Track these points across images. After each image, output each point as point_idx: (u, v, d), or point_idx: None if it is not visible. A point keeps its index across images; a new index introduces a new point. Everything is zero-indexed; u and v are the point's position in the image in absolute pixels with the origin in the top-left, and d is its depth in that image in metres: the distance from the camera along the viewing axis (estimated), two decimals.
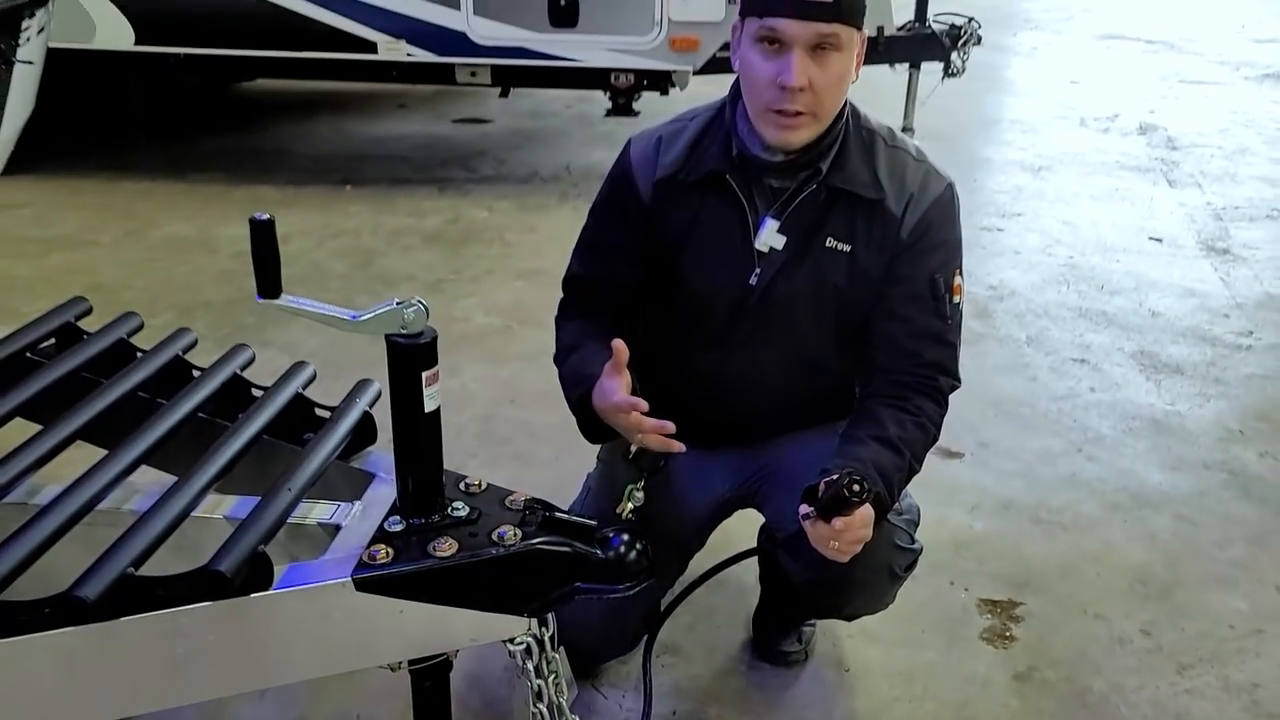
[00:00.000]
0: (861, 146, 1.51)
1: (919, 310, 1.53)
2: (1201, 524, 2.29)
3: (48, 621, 1.14)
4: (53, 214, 4.23)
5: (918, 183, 1.51)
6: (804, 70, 1.38)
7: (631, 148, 1.60)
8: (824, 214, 1.51)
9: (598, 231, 1.66)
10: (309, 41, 4.25)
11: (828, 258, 1.52)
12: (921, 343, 1.53)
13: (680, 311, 1.62)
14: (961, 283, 1.56)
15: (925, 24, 5.16)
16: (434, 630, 1.31)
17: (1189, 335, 3.25)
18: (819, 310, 1.56)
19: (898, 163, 1.52)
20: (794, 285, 1.54)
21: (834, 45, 1.39)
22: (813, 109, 1.42)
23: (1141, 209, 4.55)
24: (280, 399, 1.55)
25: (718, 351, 1.61)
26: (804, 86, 1.39)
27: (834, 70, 1.40)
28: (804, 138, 1.46)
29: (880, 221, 1.50)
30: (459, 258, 3.83)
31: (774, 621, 1.89)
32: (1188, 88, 7.39)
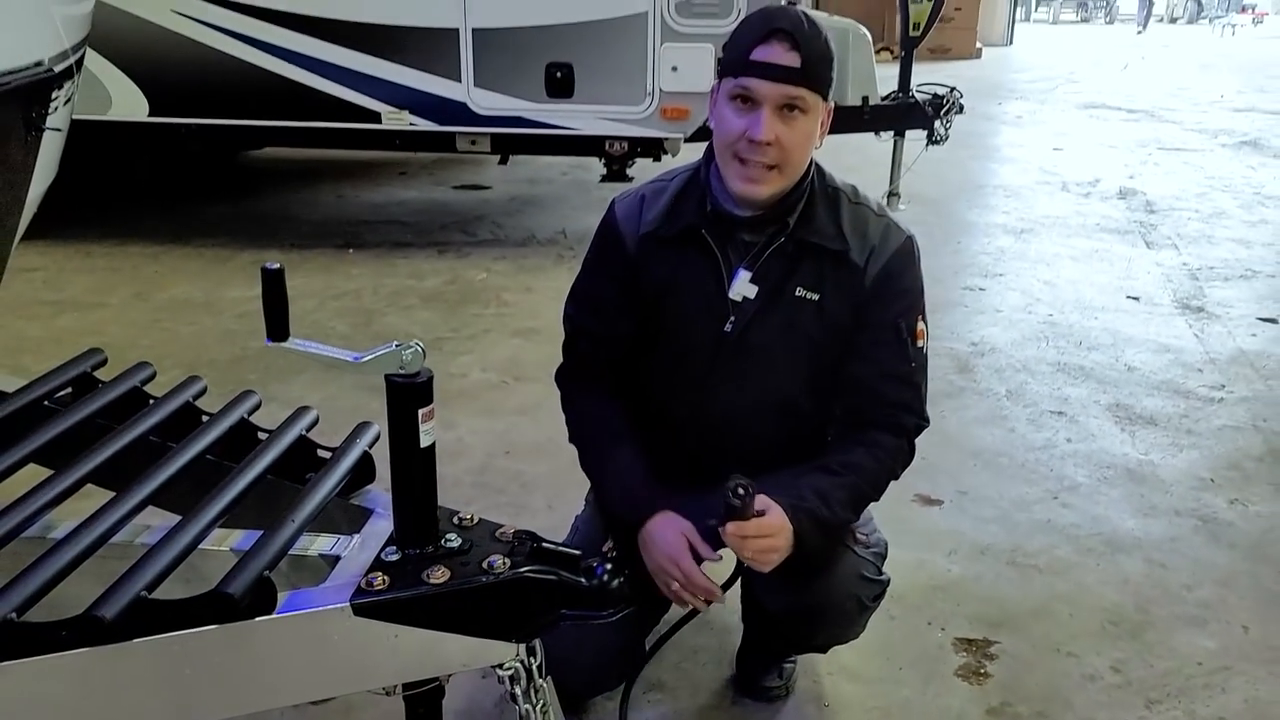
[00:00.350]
0: (827, 203, 1.63)
1: (885, 353, 1.63)
2: (1172, 567, 2.37)
3: (66, 642, 1.22)
4: (63, 277, 4.37)
5: (879, 236, 1.62)
6: (772, 127, 1.51)
7: (616, 207, 1.72)
8: (793, 265, 1.62)
9: (590, 288, 1.76)
10: (316, 112, 4.43)
11: (798, 306, 1.63)
12: (886, 383, 1.64)
13: (662, 358, 1.72)
14: (925, 328, 1.66)
15: (909, 94, 5.36)
16: (427, 655, 1.38)
17: (1163, 389, 3.36)
18: (792, 355, 1.66)
19: (860, 218, 1.64)
20: (767, 332, 1.64)
21: (800, 107, 1.52)
22: (779, 162, 1.54)
23: (1120, 269, 4.69)
24: (285, 441, 1.65)
25: (697, 396, 1.71)
26: (771, 141, 1.51)
27: (800, 130, 1.53)
28: (768, 191, 1.57)
29: (845, 271, 1.61)
30: (457, 317, 3.94)
31: (756, 658, 1.96)
32: (1167, 154, 7.61)
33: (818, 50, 1.51)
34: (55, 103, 1.85)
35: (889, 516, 2.50)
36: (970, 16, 14.68)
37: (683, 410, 1.73)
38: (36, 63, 1.71)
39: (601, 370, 1.75)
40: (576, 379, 1.77)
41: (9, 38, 1.63)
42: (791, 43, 1.49)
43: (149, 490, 1.49)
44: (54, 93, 1.83)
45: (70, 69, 1.92)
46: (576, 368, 1.78)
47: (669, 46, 4.24)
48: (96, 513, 1.42)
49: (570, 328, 1.78)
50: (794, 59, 1.49)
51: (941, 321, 3.94)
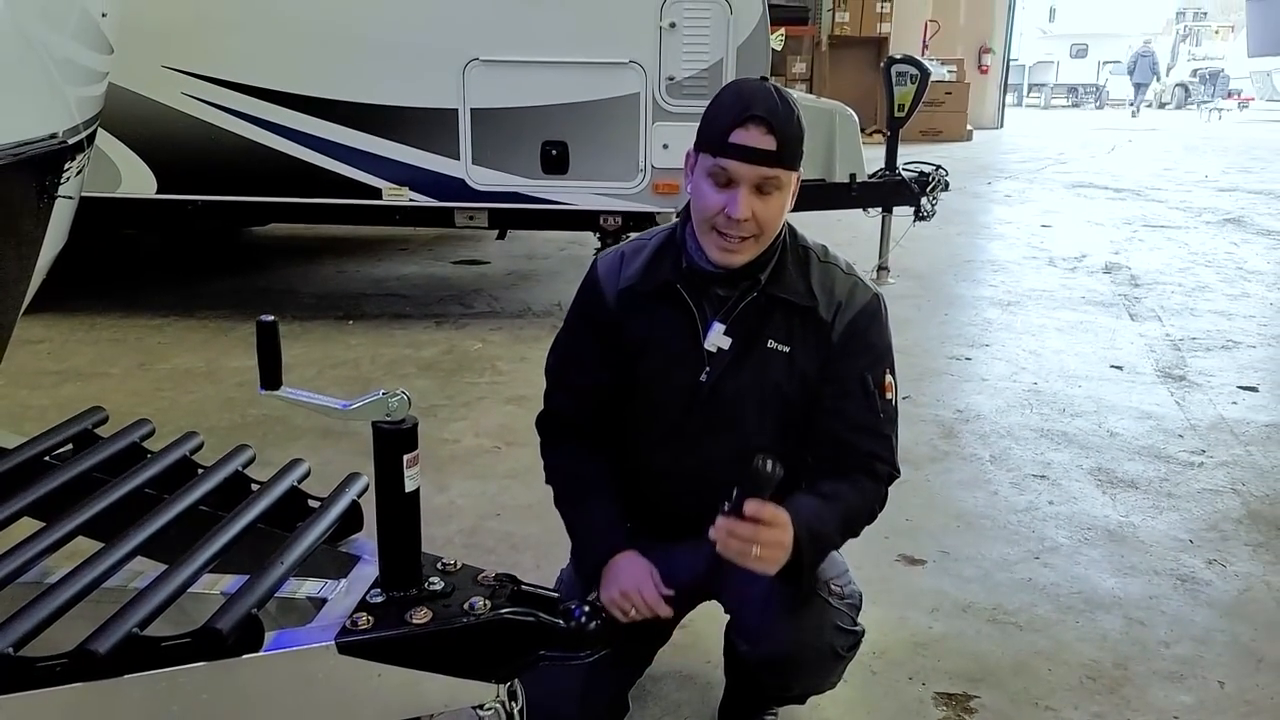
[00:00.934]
0: (797, 261, 1.72)
1: (853, 406, 1.70)
2: (1151, 624, 2.40)
3: (60, 676, 1.27)
4: (67, 348, 4.46)
5: (845, 293, 1.71)
6: (748, 205, 1.60)
7: (598, 264, 1.82)
8: (765, 318, 1.70)
9: (572, 342, 1.85)
10: (320, 188, 4.58)
11: (769, 357, 1.71)
12: (858, 435, 1.71)
13: (640, 409, 1.79)
14: (893, 381, 1.73)
15: (895, 171, 5.52)
16: (409, 694, 1.42)
17: (1144, 453, 3.41)
18: (763, 406, 1.73)
19: (828, 276, 1.72)
20: (740, 381, 1.72)
21: (775, 185, 1.61)
22: (754, 234, 1.63)
23: (1104, 340, 4.78)
24: (277, 490, 1.71)
25: (672, 448, 1.78)
26: (747, 218, 1.60)
27: (775, 204, 1.62)
28: (745, 259, 1.66)
29: (813, 326, 1.70)
30: (452, 385, 4.02)
31: (738, 710, 1.98)
32: (1152, 231, 7.78)
33: (791, 132, 1.59)
34: (68, 173, 1.96)
35: (872, 576, 2.57)
36: (961, 100, 15.09)
37: (662, 460, 1.80)
38: (51, 135, 1.82)
39: (579, 420, 1.83)
40: (554, 428, 1.86)
41: (26, 111, 1.74)
42: (767, 127, 1.56)
43: (144, 537, 1.55)
44: (67, 164, 1.94)
45: (82, 142, 2.03)
46: (555, 417, 1.86)
47: (660, 125, 4.40)
48: (91, 557, 1.48)
49: (551, 380, 1.86)
50: (770, 143, 1.57)
51: (927, 389, 4.01)
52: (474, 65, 4.39)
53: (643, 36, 4.31)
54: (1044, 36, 32.27)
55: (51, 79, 1.85)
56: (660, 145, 4.40)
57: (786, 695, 1.86)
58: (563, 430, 1.85)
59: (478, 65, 4.39)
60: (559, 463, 1.85)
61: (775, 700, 1.95)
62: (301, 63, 4.45)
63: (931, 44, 15.38)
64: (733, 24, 4.28)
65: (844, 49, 14.45)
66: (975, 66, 16.71)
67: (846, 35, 14.48)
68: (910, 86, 5.47)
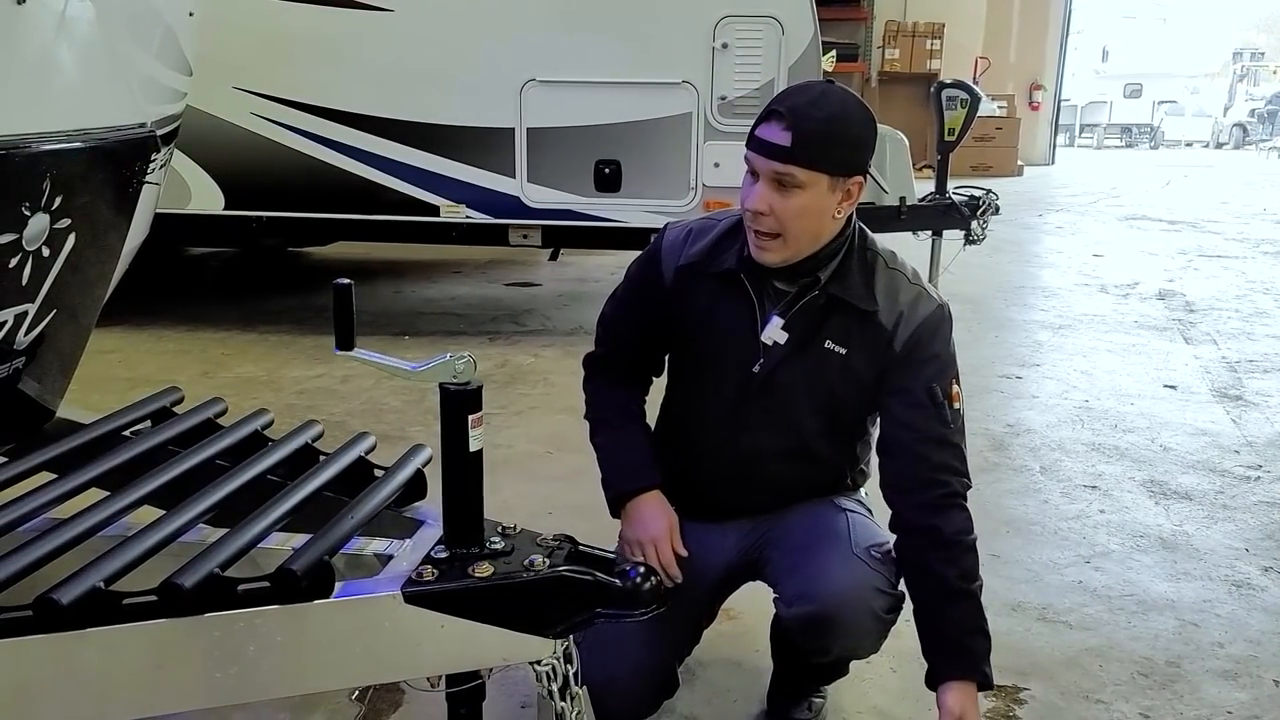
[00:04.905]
0: (862, 263, 1.74)
1: (922, 418, 1.71)
2: (1205, 626, 2.38)
3: (146, 612, 1.34)
4: (137, 358, 4.62)
5: (909, 302, 1.72)
6: (764, 198, 1.62)
7: (666, 233, 1.87)
8: (823, 318, 1.72)
9: (626, 300, 1.92)
10: (379, 206, 4.72)
11: (825, 357, 1.73)
12: (928, 447, 1.71)
13: (692, 390, 1.85)
14: (959, 391, 1.74)
15: (945, 195, 5.55)
16: (470, 646, 1.48)
17: (1199, 467, 3.38)
18: (813, 402, 1.76)
19: (894, 282, 1.73)
20: (793, 377, 1.75)
21: (793, 183, 1.60)
22: (776, 231, 1.64)
23: (1157, 361, 4.74)
24: (345, 460, 1.78)
25: (722, 433, 1.82)
26: (763, 211, 1.62)
27: (794, 203, 1.61)
28: (774, 258, 1.68)
29: (873, 332, 1.71)
30: (505, 395, 4.10)
31: (787, 693, 2.01)
32: (1207, 260, 7.69)
33: (813, 129, 1.59)
34: (153, 164, 2.07)
35: None
36: (1011, 136, 15.04)
37: (711, 443, 1.84)
38: (141, 124, 1.93)
39: (624, 363, 1.93)
40: (598, 366, 1.95)
41: (121, 100, 1.86)
42: (785, 123, 1.59)
43: (219, 497, 1.63)
44: (153, 155, 2.06)
45: (169, 134, 2.15)
46: (601, 358, 1.96)
47: (711, 144, 4.48)
48: (170, 512, 1.56)
49: (600, 329, 1.97)
50: (785, 138, 1.58)
51: (978, 405, 4.01)
52: (531, 85, 4.52)
53: (696, 57, 4.42)
54: (1097, 76, 32.08)
55: (141, 75, 1.97)
56: (711, 164, 4.49)
57: (826, 660, 1.85)
58: (606, 369, 1.94)
59: (534, 86, 4.52)
60: (598, 393, 1.93)
61: (817, 673, 1.95)
62: (365, 84, 4.61)
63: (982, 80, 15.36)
64: (784, 44, 4.36)
65: (894, 85, 14.50)
66: (1026, 103, 16.67)
67: (896, 71, 14.55)
68: (960, 111, 5.51)
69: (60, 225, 1.64)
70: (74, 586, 1.31)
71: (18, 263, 1.59)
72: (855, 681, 2.13)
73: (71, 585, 1.31)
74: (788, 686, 2.01)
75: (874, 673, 2.16)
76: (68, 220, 1.66)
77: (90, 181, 1.74)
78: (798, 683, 1.99)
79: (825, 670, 1.93)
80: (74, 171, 1.65)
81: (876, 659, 2.19)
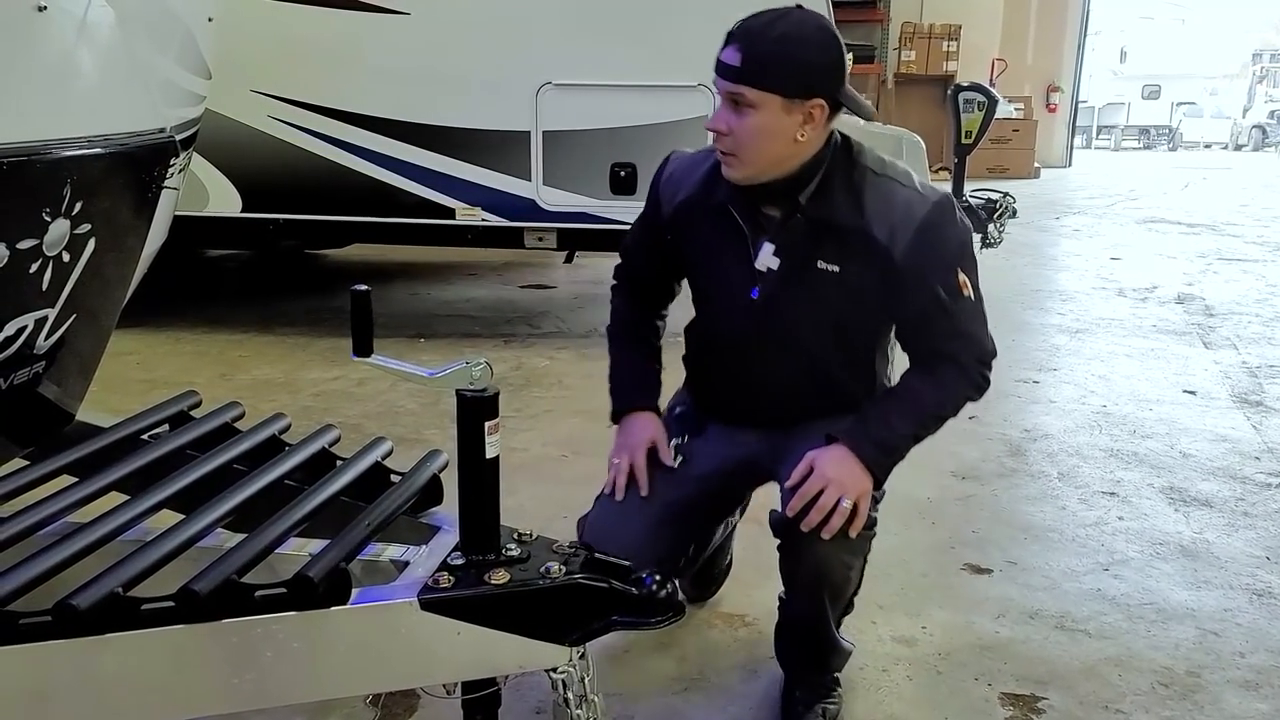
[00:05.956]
0: (847, 180, 1.74)
1: (934, 318, 1.75)
2: (1225, 635, 2.36)
3: (164, 617, 1.35)
4: (155, 360, 4.64)
5: (903, 208, 1.72)
6: (721, 118, 1.69)
7: (669, 163, 1.95)
8: (813, 239, 1.75)
9: (637, 225, 2.04)
10: (395, 208, 4.73)
11: (820, 278, 1.76)
12: (938, 341, 1.78)
13: (701, 318, 1.95)
14: (967, 279, 1.74)
15: (961, 198, 5.53)
16: (486, 654, 1.48)
17: (1219, 474, 3.35)
18: (817, 324, 1.80)
19: (883, 191, 1.73)
20: (792, 301, 1.79)
21: (745, 103, 1.65)
22: (734, 151, 1.70)
23: (1176, 366, 4.70)
24: (361, 465, 1.79)
25: (737, 358, 1.90)
26: (721, 130, 1.69)
27: (748, 123, 1.66)
28: (736, 176, 1.73)
29: (867, 246, 1.72)
30: (520, 399, 4.10)
31: (800, 699, 2.00)
32: (1227, 264, 7.63)
33: (763, 50, 1.63)
34: (173, 168, 2.09)
35: (937, 582, 2.58)
36: (1028, 138, 14.97)
37: (724, 367, 1.94)
38: (160, 129, 1.94)
39: (640, 285, 2.07)
40: (622, 283, 2.10)
41: (140, 105, 1.87)
42: (738, 45, 1.65)
43: (236, 502, 1.63)
44: (173, 159, 2.07)
45: (188, 140, 2.16)
46: (623, 278, 2.10)
47: None
48: (188, 516, 1.56)
49: (622, 249, 2.11)
50: (736, 59, 1.64)
51: (994, 410, 3.99)
52: (547, 89, 4.52)
53: (711, 60, 4.39)
54: (1115, 78, 31.88)
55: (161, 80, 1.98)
56: None
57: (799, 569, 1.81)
58: (627, 288, 2.09)
59: (550, 89, 4.52)
60: (615, 311, 2.10)
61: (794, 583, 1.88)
62: (381, 87, 4.62)
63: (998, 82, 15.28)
64: None
65: (910, 86, 14.44)
66: (1043, 105, 16.58)
67: (912, 73, 14.49)
68: (978, 114, 5.49)
69: (80, 230, 1.65)
70: (92, 592, 1.31)
71: (38, 268, 1.60)
72: (870, 690, 2.12)
73: (90, 590, 1.31)
74: (799, 691, 2.00)
75: (889, 681, 2.15)
76: (88, 226, 1.67)
77: (110, 187, 1.75)
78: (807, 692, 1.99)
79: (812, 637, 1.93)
80: (94, 177, 1.66)
81: (893, 667, 2.19)
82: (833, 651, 1.99)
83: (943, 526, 2.92)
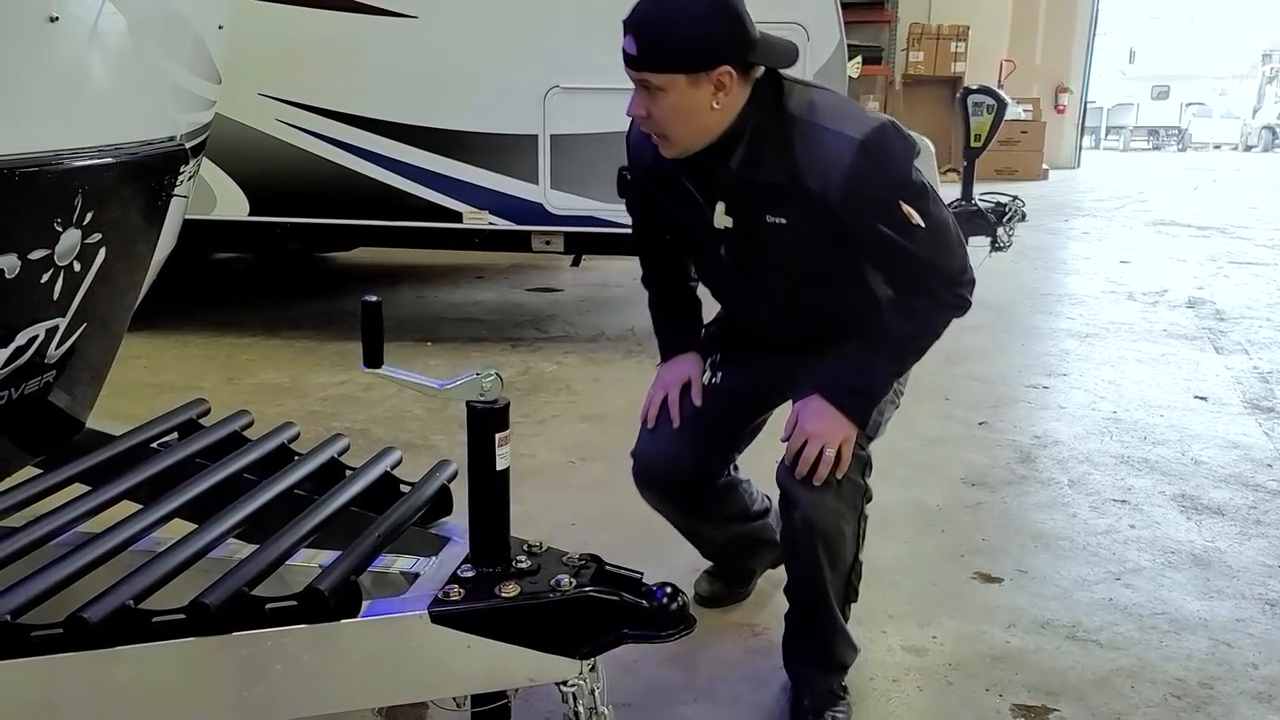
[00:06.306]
0: (776, 134, 1.74)
1: (892, 254, 1.77)
2: (1238, 646, 2.34)
3: (175, 630, 1.34)
4: (162, 364, 4.65)
5: (833, 151, 1.71)
6: (638, 103, 1.74)
7: (630, 129, 1.97)
8: (756, 196, 1.79)
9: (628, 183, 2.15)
10: (403, 212, 4.72)
11: (772, 231, 1.81)
12: (904, 274, 1.81)
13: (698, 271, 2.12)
14: (913, 209, 1.72)
15: (971, 201, 5.52)
16: (497, 666, 1.47)
17: (1231, 481, 3.33)
18: (785, 272, 1.88)
19: (812, 139, 1.73)
20: (754, 254, 1.87)
21: (654, 86, 1.70)
22: (659, 131, 1.76)
23: (1187, 371, 4.68)
24: (370, 475, 1.78)
25: (729, 304, 2.10)
26: (641, 115, 1.75)
27: (663, 104, 1.71)
28: (671, 153, 1.79)
29: (803, 198, 1.74)
30: (528, 404, 4.09)
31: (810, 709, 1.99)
32: (1237, 268, 7.60)
33: (652, 34, 1.67)
34: (182, 176, 2.08)
35: (946, 591, 2.57)
36: (1036, 139, 14.92)
37: (729, 313, 2.13)
38: (170, 138, 1.94)
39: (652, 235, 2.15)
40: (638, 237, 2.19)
41: (150, 114, 1.86)
42: (632, 34, 1.69)
43: (246, 513, 1.63)
44: (182, 167, 2.06)
45: (197, 147, 2.15)
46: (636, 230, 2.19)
47: None
48: (198, 528, 1.56)
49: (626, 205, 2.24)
50: (633, 48, 1.69)
51: (1004, 416, 3.98)
52: (554, 92, 4.52)
53: None
54: (1124, 78, 31.77)
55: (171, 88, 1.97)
56: None
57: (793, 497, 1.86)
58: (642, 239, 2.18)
59: (558, 92, 4.52)
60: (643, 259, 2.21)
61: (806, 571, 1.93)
62: (389, 90, 4.62)
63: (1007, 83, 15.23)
64: (809, 50, 4.33)
65: (918, 88, 14.41)
66: (1052, 106, 16.53)
67: (920, 75, 14.46)
68: (987, 117, 5.48)
69: (91, 240, 1.65)
70: (103, 605, 1.31)
71: (49, 278, 1.60)
72: (881, 701, 2.11)
73: (101, 603, 1.31)
74: (808, 700, 2.00)
75: (900, 692, 2.14)
76: (98, 235, 1.67)
77: (121, 196, 1.75)
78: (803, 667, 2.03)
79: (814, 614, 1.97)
80: (105, 187, 1.66)
81: (904, 678, 2.18)
82: (835, 633, 1.98)
83: (952, 534, 2.91)
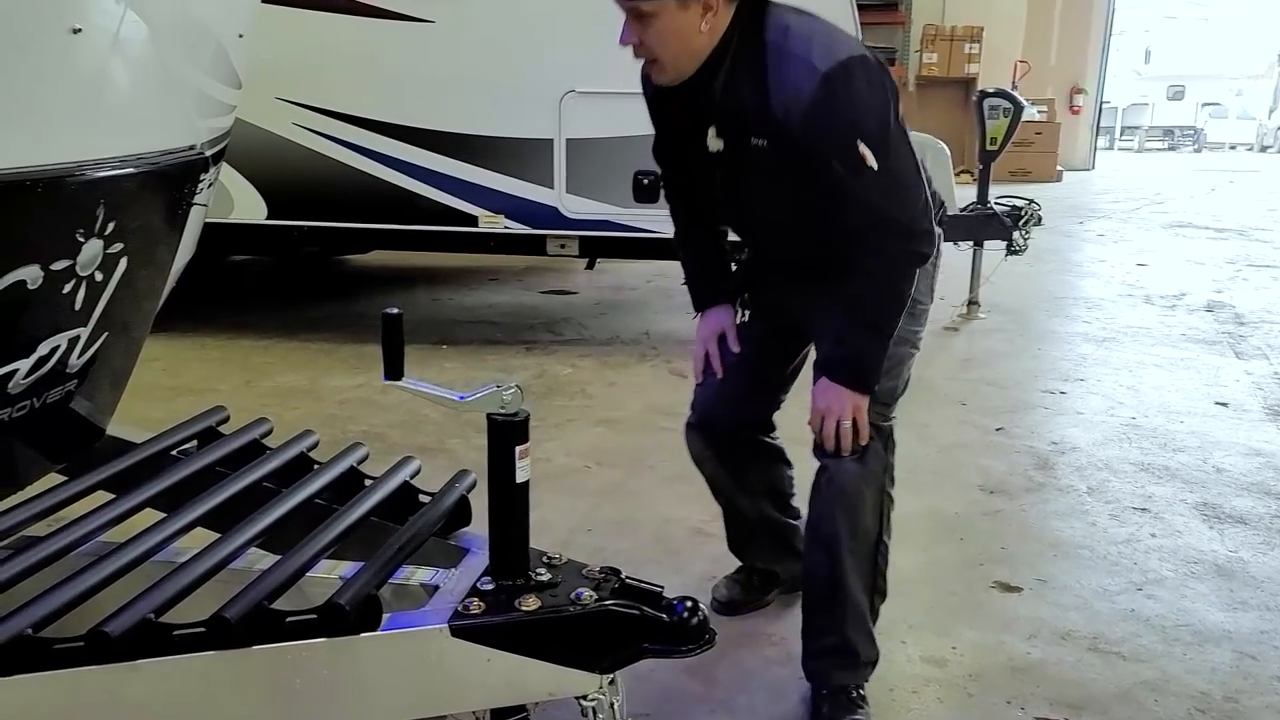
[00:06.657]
0: (747, 63, 1.79)
1: (845, 193, 1.80)
2: (1263, 659, 2.32)
3: (195, 643, 1.34)
4: (180, 366, 4.66)
5: (794, 84, 1.74)
6: (630, 32, 1.80)
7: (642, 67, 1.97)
8: (740, 120, 1.85)
9: None
10: (419, 216, 4.73)
11: (758, 153, 1.86)
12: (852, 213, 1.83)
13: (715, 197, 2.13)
14: (869, 150, 1.73)
15: (987, 205, 5.47)
16: (516, 680, 1.46)
17: (1253, 489, 3.30)
18: (777, 192, 1.92)
19: (781, 66, 1.76)
20: (745, 175, 1.93)
21: (646, 14, 1.75)
22: (652, 57, 1.83)
23: (1207, 376, 4.64)
24: (390, 485, 1.78)
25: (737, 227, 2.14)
26: (633, 43, 1.81)
27: (654, 30, 1.77)
28: (664, 80, 1.86)
29: (774, 123, 1.79)
30: (543, 408, 4.09)
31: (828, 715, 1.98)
32: (1257, 271, 7.53)
33: None
34: (203, 184, 2.08)
35: (966, 600, 2.56)
36: (1051, 141, 14.84)
37: (741, 237, 2.17)
38: (190, 146, 1.94)
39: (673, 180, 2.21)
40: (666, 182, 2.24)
41: (172, 123, 1.86)
42: None
43: (266, 523, 1.63)
44: (203, 175, 2.06)
45: (218, 155, 2.15)
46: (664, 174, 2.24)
47: None
48: (218, 540, 1.56)
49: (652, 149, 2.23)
50: None
51: (1021, 422, 3.95)
52: (570, 97, 4.51)
53: None
54: (1139, 78, 31.54)
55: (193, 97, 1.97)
56: None
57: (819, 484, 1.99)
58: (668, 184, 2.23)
59: (573, 97, 4.51)
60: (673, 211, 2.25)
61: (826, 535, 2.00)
62: (405, 95, 4.63)
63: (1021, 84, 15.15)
64: None
65: (932, 89, 14.36)
66: (1066, 107, 16.44)
67: (934, 76, 14.40)
68: (1003, 120, 5.44)
69: (113, 250, 1.65)
70: (125, 618, 1.31)
71: (71, 288, 1.60)
72: (901, 712, 2.10)
73: (122, 617, 1.31)
74: (827, 708, 1.99)
75: (920, 703, 2.13)
76: (120, 245, 1.67)
77: (143, 205, 1.75)
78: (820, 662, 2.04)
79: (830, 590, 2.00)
80: (127, 196, 1.66)
81: (924, 689, 2.17)
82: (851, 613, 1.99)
83: (971, 543, 2.89)
